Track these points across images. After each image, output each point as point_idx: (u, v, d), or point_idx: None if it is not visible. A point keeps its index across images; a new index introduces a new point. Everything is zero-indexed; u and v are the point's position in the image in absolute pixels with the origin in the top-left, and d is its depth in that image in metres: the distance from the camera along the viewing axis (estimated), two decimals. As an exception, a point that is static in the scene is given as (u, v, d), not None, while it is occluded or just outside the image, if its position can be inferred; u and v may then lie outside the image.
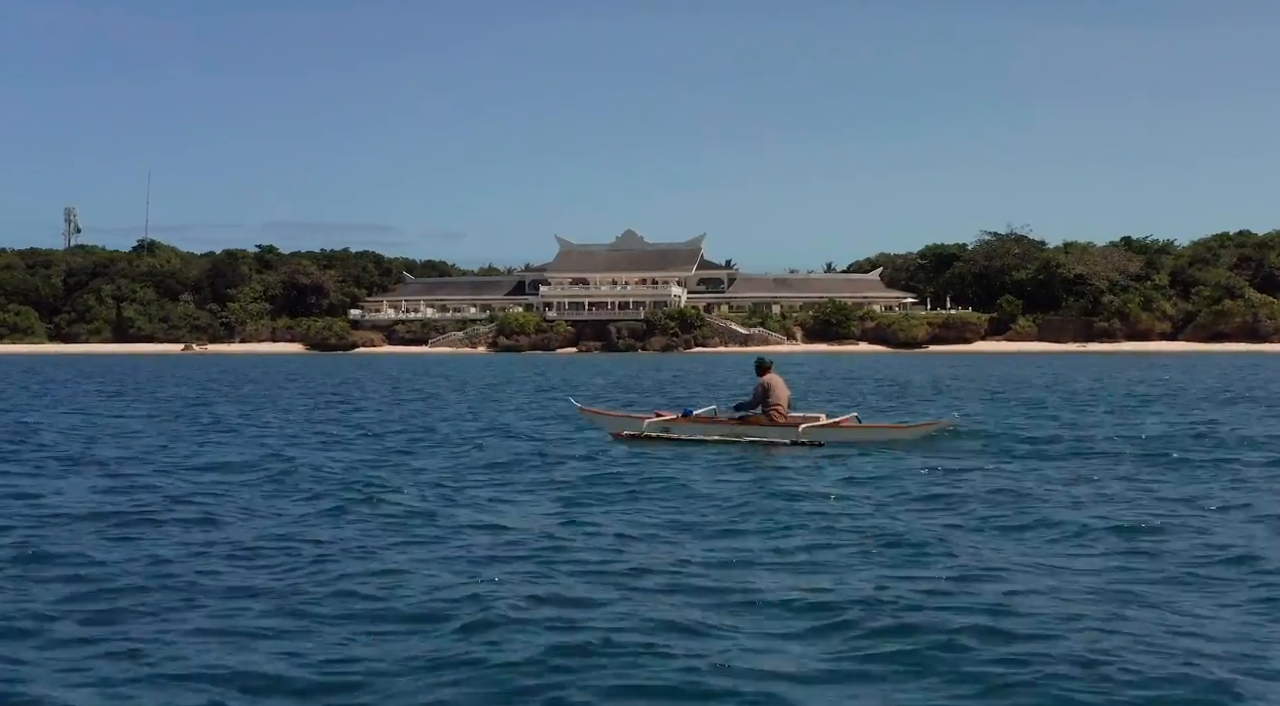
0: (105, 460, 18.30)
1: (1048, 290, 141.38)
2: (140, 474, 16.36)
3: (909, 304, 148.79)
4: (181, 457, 18.70)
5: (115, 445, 21.06)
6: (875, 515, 12.42)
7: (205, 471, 16.71)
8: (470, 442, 21.15)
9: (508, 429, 24.48)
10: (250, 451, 19.74)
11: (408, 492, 14.17)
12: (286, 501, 13.64)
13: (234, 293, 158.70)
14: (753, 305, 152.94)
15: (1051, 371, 61.47)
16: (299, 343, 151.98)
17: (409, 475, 16.17)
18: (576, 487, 14.71)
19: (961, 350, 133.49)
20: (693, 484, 14.75)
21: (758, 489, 14.39)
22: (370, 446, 20.78)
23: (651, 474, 15.75)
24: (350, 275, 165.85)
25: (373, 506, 12.94)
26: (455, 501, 13.56)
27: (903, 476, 15.50)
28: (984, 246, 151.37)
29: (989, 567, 9.59)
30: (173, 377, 59.26)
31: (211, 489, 14.75)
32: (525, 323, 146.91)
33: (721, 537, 11.15)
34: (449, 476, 16.06)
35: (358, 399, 37.89)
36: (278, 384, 50.97)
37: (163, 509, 12.86)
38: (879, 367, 72.68)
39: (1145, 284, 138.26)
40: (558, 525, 11.77)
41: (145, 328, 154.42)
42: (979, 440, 20.17)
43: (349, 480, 15.35)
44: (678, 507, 12.97)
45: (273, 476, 15.96)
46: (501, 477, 15.96)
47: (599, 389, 44.69)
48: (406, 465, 17.52)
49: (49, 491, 14.48)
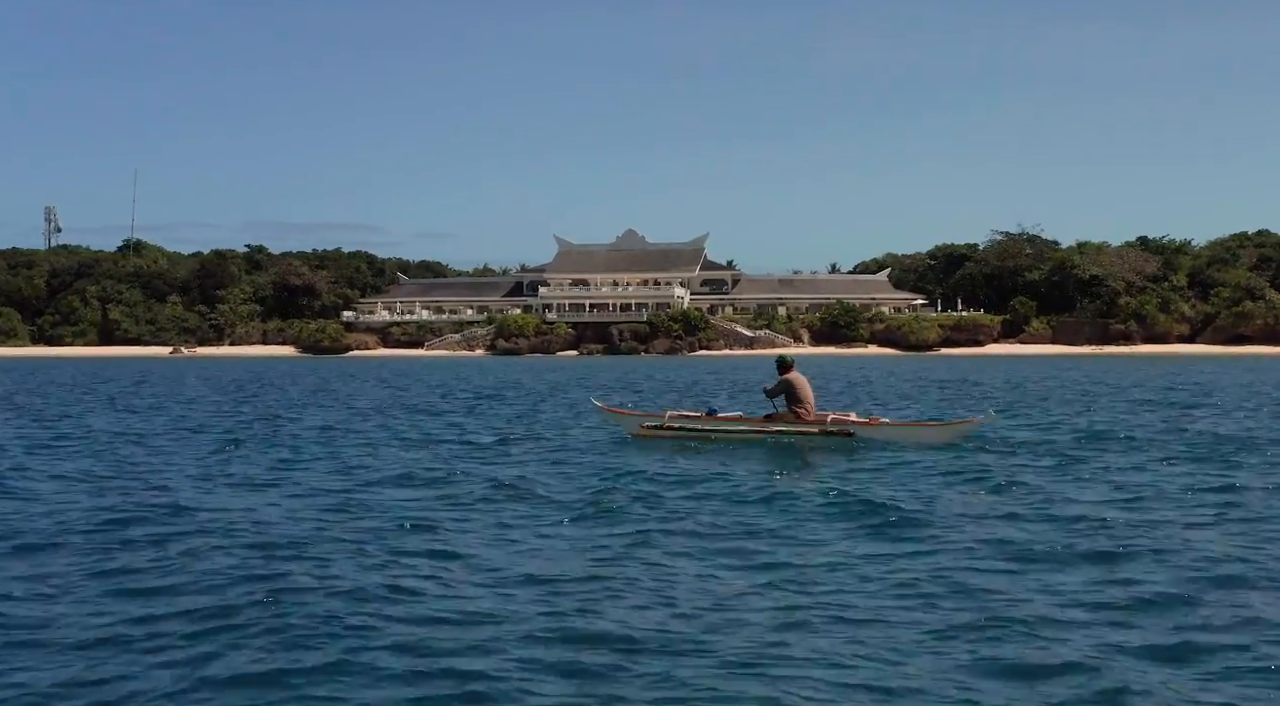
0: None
1: (1061, 291, 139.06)
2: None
3: (919, 305, 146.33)
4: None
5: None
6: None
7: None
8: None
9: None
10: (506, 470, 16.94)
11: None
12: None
13: (223, 294, 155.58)
14: (757, 307, 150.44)
15: (1116, 373, 58.87)
16: (291, 345, 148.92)
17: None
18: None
19: (974, 353, 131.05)
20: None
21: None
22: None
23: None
24: (343, 276, 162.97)
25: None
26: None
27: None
28: (996, 246, 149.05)
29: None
30: (268, 379, 56.54)
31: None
32: (525, 325, 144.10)
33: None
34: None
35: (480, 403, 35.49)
36: (358, 386, 48.83)
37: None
38: (918, 370, 69.97)
39: (1163, 285, 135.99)
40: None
41: (132, 330, 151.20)
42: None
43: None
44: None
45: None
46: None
47: (655, 390, 42.02)
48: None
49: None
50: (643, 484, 14.64)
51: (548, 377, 60.00)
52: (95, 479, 15.72)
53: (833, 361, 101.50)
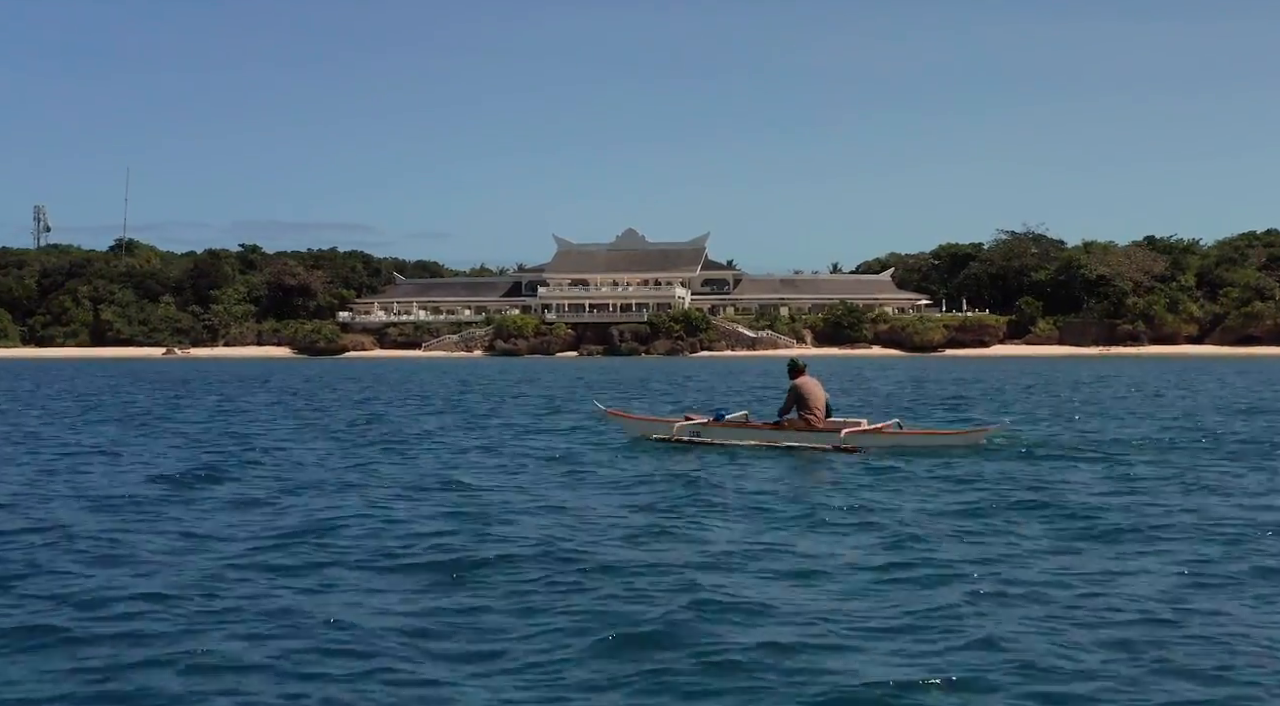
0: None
1: (1068, 292, 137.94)
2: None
3: (923, 306, 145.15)
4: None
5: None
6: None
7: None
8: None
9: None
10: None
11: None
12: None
13: (217, 294, 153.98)
14: (759, 307, 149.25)
15: (1156, 376, 57.68)
16: (286, 346, 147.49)
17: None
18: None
19: (980, 354, 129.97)
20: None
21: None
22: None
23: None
24: (338, 276, 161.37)
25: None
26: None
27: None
28: (1001, 246, 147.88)
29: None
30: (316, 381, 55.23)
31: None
32: (524, 325, 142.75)
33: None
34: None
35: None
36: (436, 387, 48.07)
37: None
38: (941, 372, 68.69)
39: (1171, 285, 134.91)
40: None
41: (125, 331, 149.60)
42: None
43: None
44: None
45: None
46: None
47: (678, 390, 40.73)
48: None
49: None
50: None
51: (574, 379, 58.72)
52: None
53: (836, 363, 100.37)
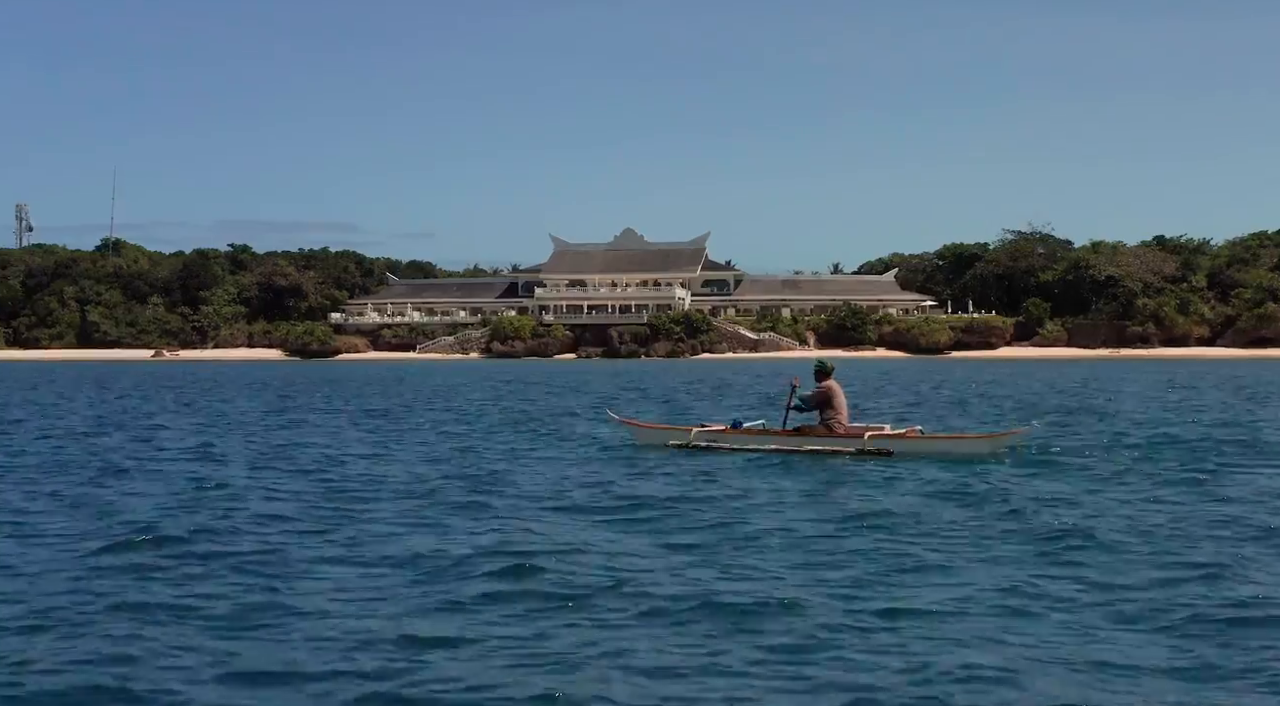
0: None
1: (1076, 293, 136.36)
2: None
3: (928, 307, 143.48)
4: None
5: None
6: None
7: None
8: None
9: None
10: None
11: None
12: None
13: (206, 295, 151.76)
14: (761, 308, 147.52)
15: (1205, 376, 55.95)
16: (277, 348, 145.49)
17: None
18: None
19: (987, 356, 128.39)
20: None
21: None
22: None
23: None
24: (330, 276, 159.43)
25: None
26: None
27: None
28: (1007, 246, 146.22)
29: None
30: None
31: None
32: (521, 327, 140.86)
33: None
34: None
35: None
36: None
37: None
38: (971, 375, 66.83)
39: (1181, 286, 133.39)
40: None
41: (112, 332, 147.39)
42: None
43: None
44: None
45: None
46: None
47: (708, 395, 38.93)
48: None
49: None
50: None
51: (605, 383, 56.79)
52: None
53: (842, 366, 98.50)
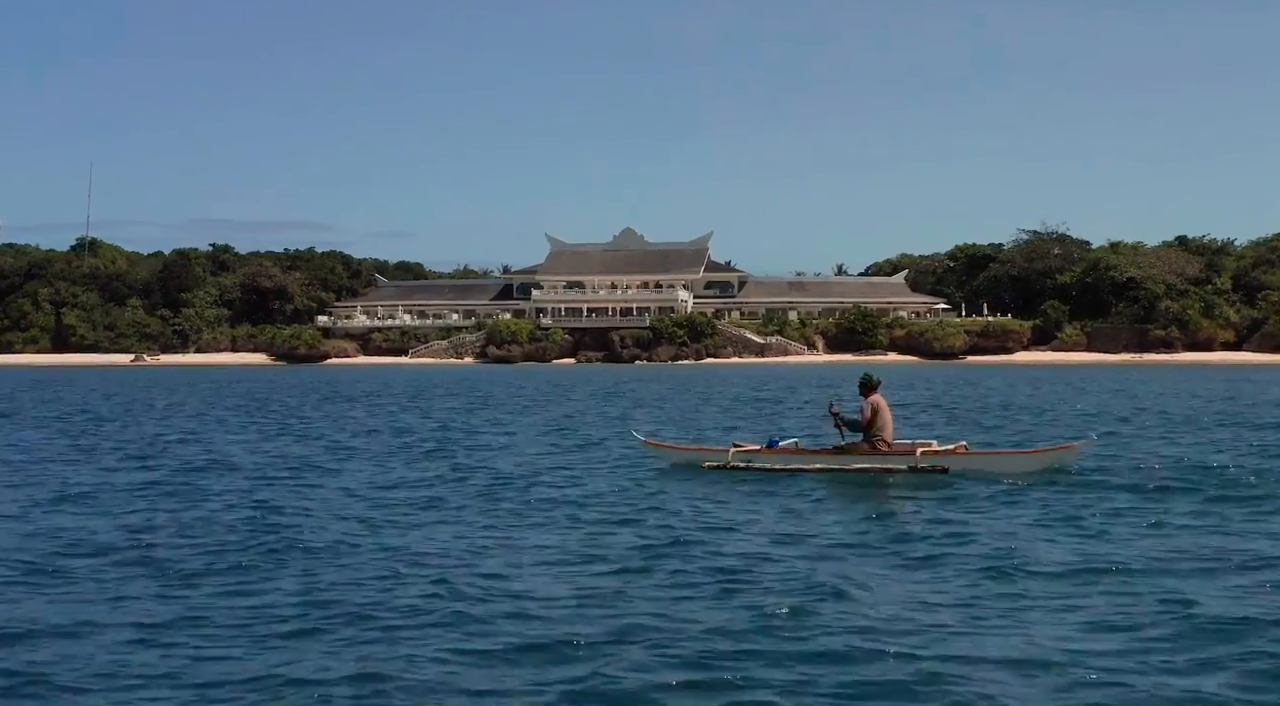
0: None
1: (1095, 295, 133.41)
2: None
3: (940, 310, 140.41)
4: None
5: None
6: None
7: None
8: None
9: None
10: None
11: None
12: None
13: (188, 297, 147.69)
14: (766, 311, 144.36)
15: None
16: (263, 353, 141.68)
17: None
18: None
19: (1003, 361, 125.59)
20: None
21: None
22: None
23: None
24: (316, 278, 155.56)
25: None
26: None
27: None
28: (1023, 246, 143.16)
29: None
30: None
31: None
32: (518, 330, 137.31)
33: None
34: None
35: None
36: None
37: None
38: (1007, 381, 63.58)
39: (1206, 288, 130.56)
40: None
41: (89, 336, 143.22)
42: None
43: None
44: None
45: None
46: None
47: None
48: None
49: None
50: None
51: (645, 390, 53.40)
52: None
53: (851, 370, 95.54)
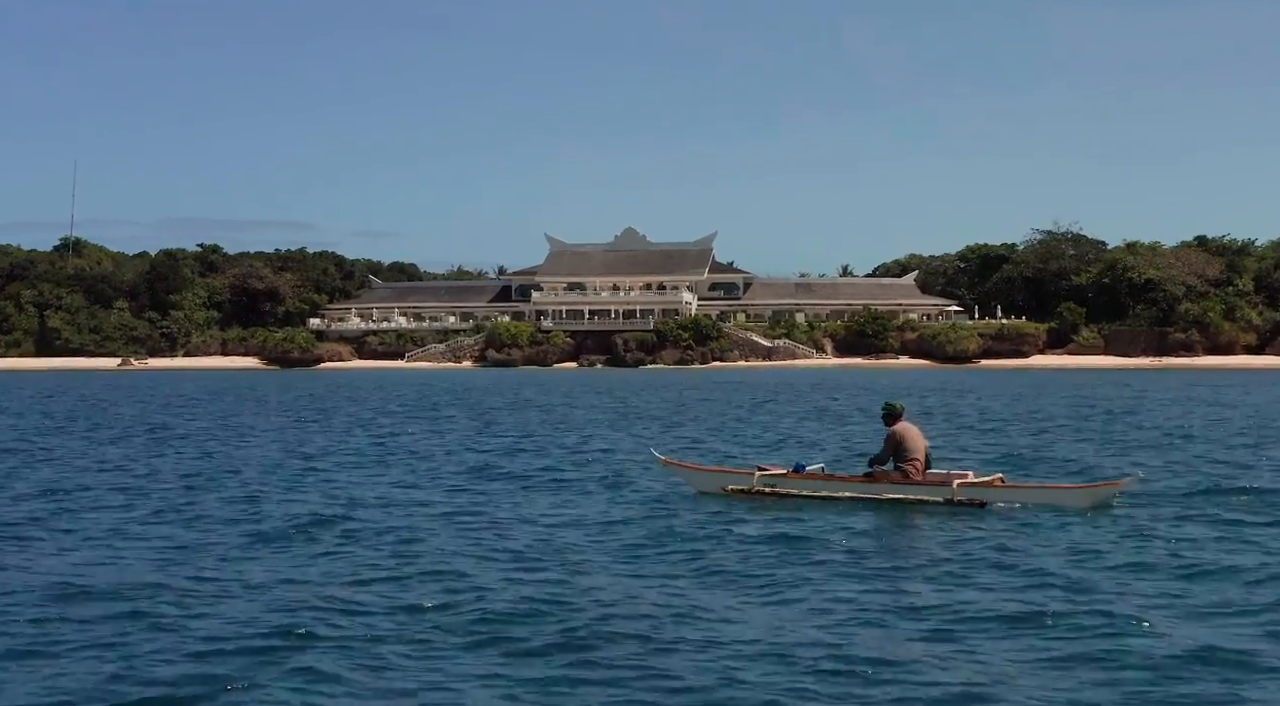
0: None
1: (1112, 297, 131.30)
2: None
3: (953, 312, 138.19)
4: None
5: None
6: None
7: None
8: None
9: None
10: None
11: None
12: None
13: (176, 299, 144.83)
14: (772, 313, 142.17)
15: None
16: (254, 356, 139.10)
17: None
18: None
19: (1018, 365, 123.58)
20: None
21: None
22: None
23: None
24: (308, 279, 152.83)
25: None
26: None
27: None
28: (1037, 247, 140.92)
29: None
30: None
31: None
32: (518, 333, 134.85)
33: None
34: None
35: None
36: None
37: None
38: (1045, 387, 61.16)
39: (1227, 290, 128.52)
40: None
41: (74, 339, 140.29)
42: None
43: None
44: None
45: None
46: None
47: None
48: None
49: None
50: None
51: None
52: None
53: (863, 375, 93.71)
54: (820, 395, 57.71)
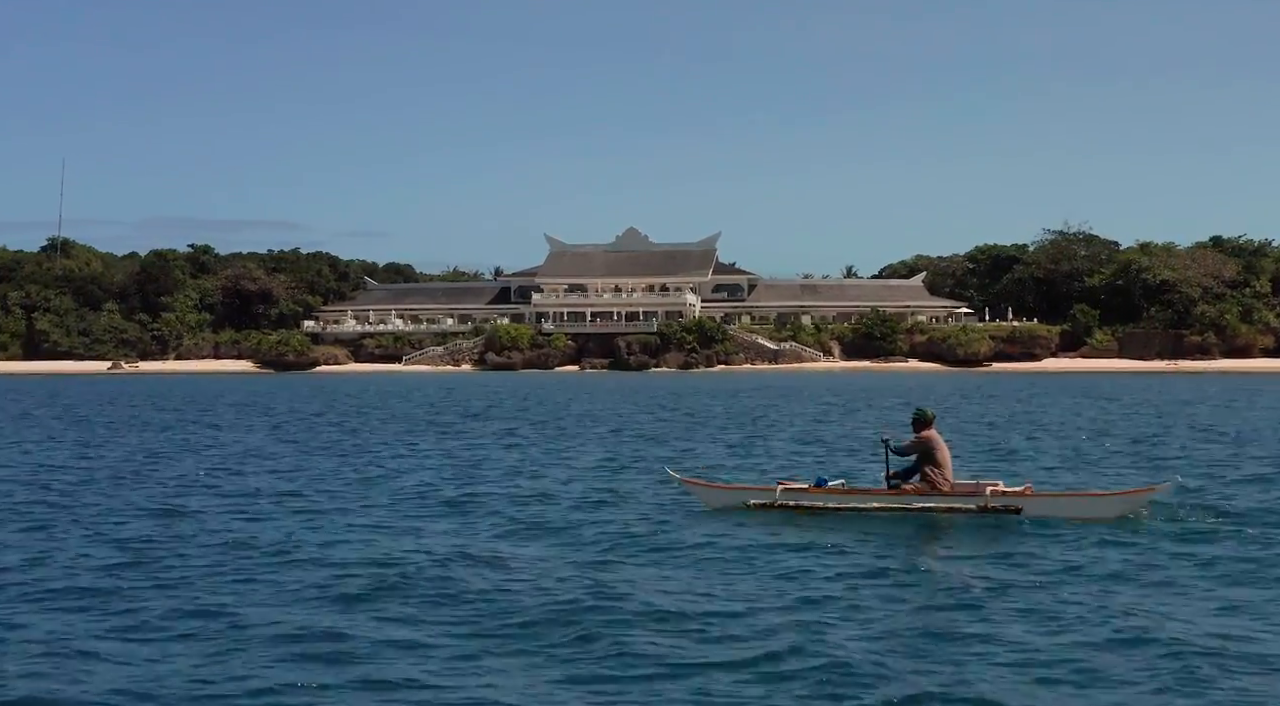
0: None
1: (1126, 298, 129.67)
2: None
3: (963, 314, 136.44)
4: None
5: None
6: None
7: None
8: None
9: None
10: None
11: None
12: None
13: (167, 301, 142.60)
14: (778, 315, 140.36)
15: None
16: (248, 360, 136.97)
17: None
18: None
19: (1030, 368, 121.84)
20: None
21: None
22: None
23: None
24: (302, 280, 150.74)
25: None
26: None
27: None
28: (1049, 247, 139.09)
29: None
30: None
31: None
32: (518, 336, 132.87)
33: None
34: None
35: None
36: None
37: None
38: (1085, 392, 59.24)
39: (1244, 291, 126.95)
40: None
41: (63, 342, 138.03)
42: None
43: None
44: None
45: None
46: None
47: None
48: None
49: None
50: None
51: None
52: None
53: (873, 379, 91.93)
54: (882, 398, 55.73)
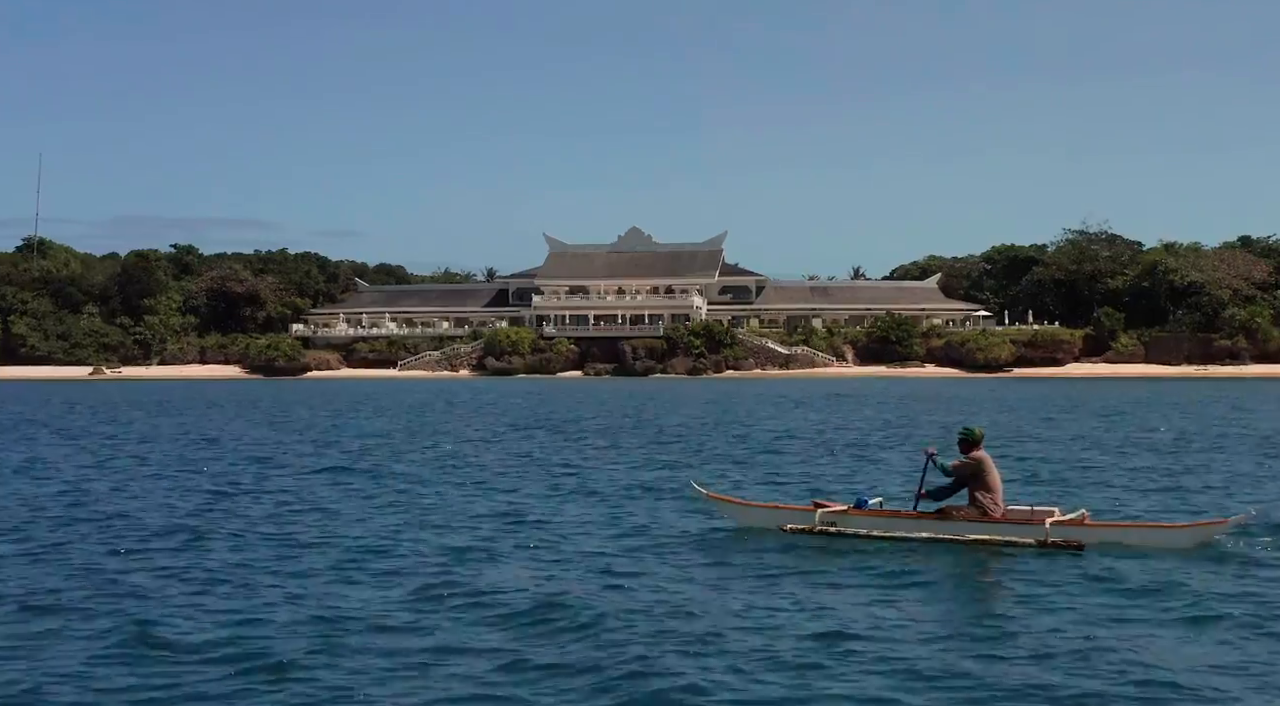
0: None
1: (1151, 301, 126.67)
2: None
3: (981, 317, 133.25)
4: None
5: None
6: None
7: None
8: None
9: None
10: None
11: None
12: None
13: (150, 303, 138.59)
14: (787, 318, 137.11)
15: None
16: (235, 364, 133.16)
17: None
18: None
19: (1053, 373, 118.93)
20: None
21: None
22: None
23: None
24: (290, 282, 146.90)
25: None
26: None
27: None
28: (1068, 248, 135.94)
29: None
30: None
31: None
32: (519, 340, 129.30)
33: None
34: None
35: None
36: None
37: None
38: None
39: (1275, 293, 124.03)
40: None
41: (40, 347, 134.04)
42: None
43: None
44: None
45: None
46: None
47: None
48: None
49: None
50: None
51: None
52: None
53: (889, 383, 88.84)
54: (939, 408, 52.31)
